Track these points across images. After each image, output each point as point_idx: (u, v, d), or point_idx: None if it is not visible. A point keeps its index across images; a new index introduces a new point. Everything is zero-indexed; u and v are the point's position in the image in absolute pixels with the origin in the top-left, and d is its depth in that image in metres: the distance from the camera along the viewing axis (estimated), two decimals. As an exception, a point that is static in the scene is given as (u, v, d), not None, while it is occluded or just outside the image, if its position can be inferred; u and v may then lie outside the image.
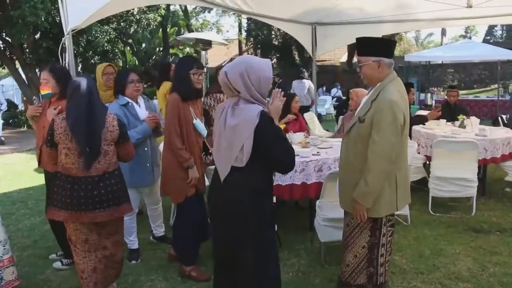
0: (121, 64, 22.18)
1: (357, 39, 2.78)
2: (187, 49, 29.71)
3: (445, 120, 5.98)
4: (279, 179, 3.97)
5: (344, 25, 7.61)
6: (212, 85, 5.89)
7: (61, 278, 3.53)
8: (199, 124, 3.48)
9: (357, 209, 2.68)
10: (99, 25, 12.38)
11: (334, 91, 18.31)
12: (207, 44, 7.73)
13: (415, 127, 5.87)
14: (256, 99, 2.35)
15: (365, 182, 2.60)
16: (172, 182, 3.42)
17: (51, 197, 2.95)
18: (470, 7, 5.46)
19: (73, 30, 4.29)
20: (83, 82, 2.85)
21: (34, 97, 6.04)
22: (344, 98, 16.28)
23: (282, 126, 4.88)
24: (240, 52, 32.95)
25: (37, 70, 13.59)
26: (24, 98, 15.38)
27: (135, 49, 23.72)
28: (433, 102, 13.09)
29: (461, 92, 14.01)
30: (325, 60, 32.58)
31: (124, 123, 3.30)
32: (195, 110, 3.48)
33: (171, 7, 23.13)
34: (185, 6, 26.11)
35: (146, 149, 3.75)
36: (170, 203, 4.32)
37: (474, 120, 5.74)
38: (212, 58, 27.70)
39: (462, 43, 14.65)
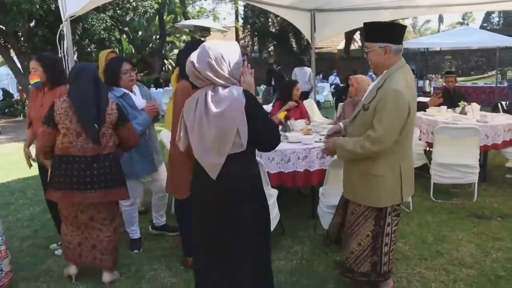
0: (117, 52, 21.97)
1: (364, 24, 2.71)
2: (184, 37, 29.51)
3: (445, 107, 5.94)
4: (282, 167, 3.95)
5: (343, 12, 7.53)
6: None
7: (62, 268, 3.49)
8: None
9: (330, 149, 2.84)
10: (95, 12, 12.24)
11: (332, 78, 18.27)
12: (206, 31, 7.64)
13: (416, 114, 5.84)
14: (231, 83, 2.25)
15: (353, 148, 2.63)
16: (179, 177, 3.16)
17: (50, 180, 3.09)
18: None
19: (71, 17, 4.22)
20: (86, 65, 3.11)
21: (30, 85, 5.96)
22: (342, 85, 16.27)
23: (283, 114, 4.85)
24: (237, 40, 32.78)
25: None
26: (20, 87, 15.25)
27: (131, 37, 23.51)
28: (431, 89, 13.05)
29: (458, 79, 13.98)
30: (322, 48, 32.38)
31: (123, 107, 3.33)
32: None
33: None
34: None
35: (146, 139, 3.71)
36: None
37: (475, 106, 5.71)
38: (209, 45, 27.45)
39: (461, 29, 14.58)
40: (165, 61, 25.55)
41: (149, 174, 3.82)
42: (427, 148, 5.59)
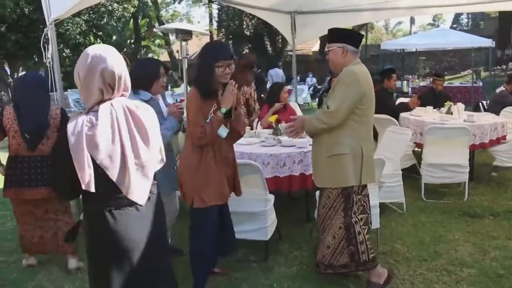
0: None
1: (329, 29, 3.02)
2: (158, 41, 29.17)
3: (431, 107, 6.02)
4: (277, 171, 3.88)
5: (323, 14, 7.54)
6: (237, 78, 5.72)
7: (54, 283, 3.35)
8: (221, 130, 2.94)
9: (297, 127, 3.02)
10: (70, 16, 11.96)
11: (308, 80, 18.38)
12: (187, 34, 7.49)
13: (403, 115, 5.90)
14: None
15: (315, 122, 2.89)
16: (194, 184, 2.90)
17: (4, 179, 3.39)
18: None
19: (55, 21, 4.08)
20: (31, 73, 3.62)
21: (2, 92, 5.76)
22: (319, 87, 16.39)
23: (274, 117, 4.78)
24: (212, 43, 32.56)
25: (5, 64, 13.05)
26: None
27: (105, 42, 23.07)
28: (409, 89, 13.26)
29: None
30: (296, 50, 32.59)
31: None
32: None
33: (142, -2, 22.61)
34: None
35: (172, 152, 3.45)
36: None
37: (460, 106, 5.79)
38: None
39: (437, 31, 14.88)
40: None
41: (169, 192, 3.33)
42: (415, 149, 5.63)
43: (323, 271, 3.10)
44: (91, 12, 13.54)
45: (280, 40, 27.36)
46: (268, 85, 9.50)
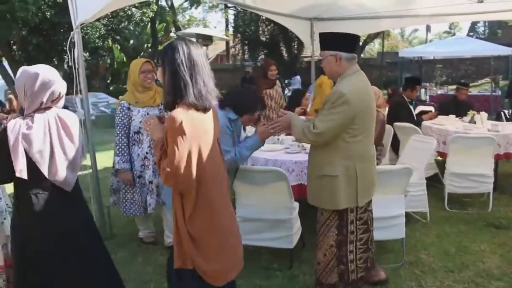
0: (108, 61, 21.77)
1: (319, 33, 2.88)
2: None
3: (454, 116, 5.95)
4: (301, 178, 3.86)
5: (344, 21, 7.49)
6: (261, 80, 6.00)
7: None
8: None
9: (280, 124, 2.96)
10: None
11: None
12: (208, 39, 7.56)
13: (425, 123, 5.84)
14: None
15: (301, 133, 2.76)
16: None
17: None
18: (481, 2, 5.40)
19: (81, 24, 4.13)
20: None
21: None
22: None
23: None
24: (227, 49, 32.71)
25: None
26: (10, 96, 14.95)
27: (122, 45, 23.29)
28: (427, 97, 13.15)
29: (450, 87, 14.17)
30: (311, 56, 32.55)
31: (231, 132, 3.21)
32: None
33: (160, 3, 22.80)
34: (172, 2, 25.77)
35: None
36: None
37: (484, 115, 5.72)
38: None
39: (456, 39, 14.77)
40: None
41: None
42: (437, 158, 5.57)
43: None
44: (111, 16, 13.70)
45: (296, 46, 27.39)
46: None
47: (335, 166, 2.72)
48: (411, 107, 6.23)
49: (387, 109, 6.02)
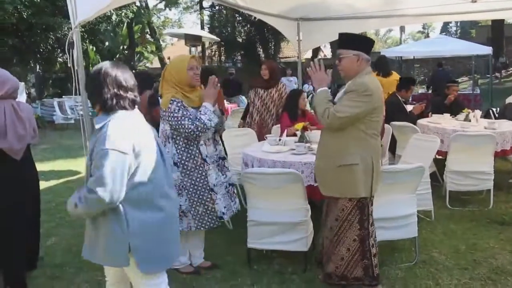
0: (84, 63, 21.20)
1: (340, 34, 2.98)
2: (149, 48, 28.87)
3: (448, 114, 6.02)
4: (311, 180, 3.77)
5: (330, 21, 7.50)
6: (255, 79, 5.89)
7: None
8: None
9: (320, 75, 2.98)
10: (69, 21, 11.75)
11: (306, 87, 18.34)
12: (197, 40, 7.43)
13: (421, 122, 5.87)
14: None
15: (322, 111, 2.83)
16: None
17: None
18: (475, 1, 5.47)
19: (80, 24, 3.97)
20: None
21: None
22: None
23: (301, 125, 4.68)
24: (203, 50, 32.43)
25: None
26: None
27: (98, 47, 22.81)
28: (410, 97, 13.29)
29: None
30: (289, 57, 32.61)
31: None
32: None
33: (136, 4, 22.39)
34: (146, 3, 25.40)
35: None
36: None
37: (478, 113, 5.80)
38: (176, 55, 27.05)
39: (437, 38, 15.05)
40: (134, 71, 24.89)
41: None
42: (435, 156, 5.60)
43: (336, 283, 3.05)
44: (88, 17, 13.34)
45: (273, 47, 27.43)
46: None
47: (354, 155, 2.84)
48: (405, 106, 6.28)
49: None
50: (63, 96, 13.98)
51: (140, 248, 2.12)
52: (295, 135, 4.80)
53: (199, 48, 32.38)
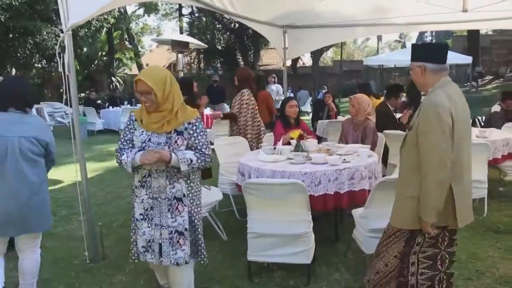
0: (59, 69, 20.75)
1: (411, 45, 2.89)
2: (127, 54, 28.51)
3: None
4: (311, 190, 3.70)
5: (317, 28, 7.53)
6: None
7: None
8: None
9: (423, 227, 2.52)
10: (49, 26, 11.43)
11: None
12: (184, 46, 7.30)
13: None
14: None
15: (422, 194, 2.46)
16: None
17: None
18: (466, 11, 5.53)
19: (72, 29, 3.83)
20: None
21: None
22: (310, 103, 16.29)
23: (296, 133, 4.60)
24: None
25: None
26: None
27: (76, 53, 22.33)
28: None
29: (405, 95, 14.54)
30: (268, 64, 32.73)
31: None
32: None
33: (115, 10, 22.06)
34: (125, 9, 25.11)
35: None
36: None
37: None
38: (154, 62, 26.79)
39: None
40: (113, 78, 24.53)
41: None
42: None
43: None
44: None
45: (252, 54, 27.47)
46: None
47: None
48: (395, 115, 6.27)
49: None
50: (41, 102, 13.60)
51: None
52: (289, 143, 4.72)
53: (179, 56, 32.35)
